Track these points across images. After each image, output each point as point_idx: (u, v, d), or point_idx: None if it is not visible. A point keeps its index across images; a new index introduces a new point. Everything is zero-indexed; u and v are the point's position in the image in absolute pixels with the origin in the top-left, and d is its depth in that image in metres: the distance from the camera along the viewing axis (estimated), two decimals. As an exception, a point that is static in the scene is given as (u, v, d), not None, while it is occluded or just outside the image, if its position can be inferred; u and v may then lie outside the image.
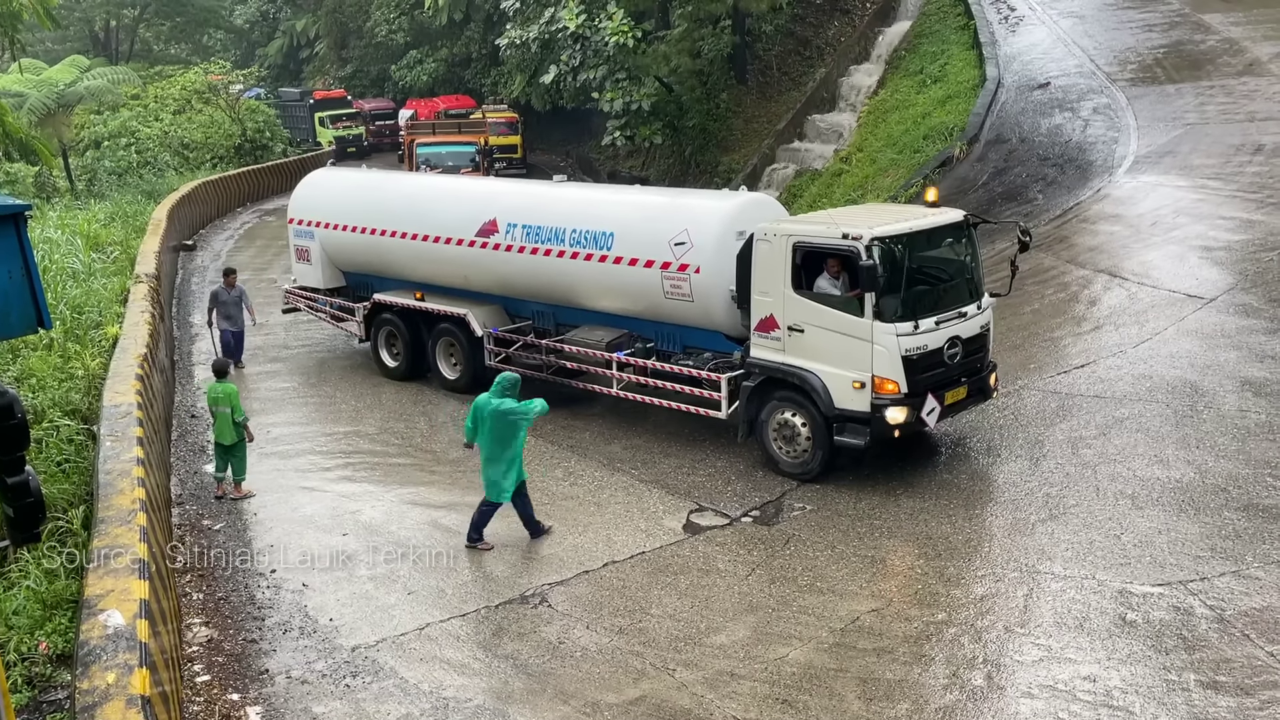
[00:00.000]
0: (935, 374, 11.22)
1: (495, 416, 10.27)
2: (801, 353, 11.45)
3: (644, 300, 13.22)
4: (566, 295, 14.26)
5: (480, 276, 15.04)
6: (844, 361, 11.15)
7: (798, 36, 36.60)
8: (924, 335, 11.06)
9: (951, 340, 11.34)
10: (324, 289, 17.48)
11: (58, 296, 15.72)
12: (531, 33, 34.94)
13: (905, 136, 27.16)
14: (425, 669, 8.37)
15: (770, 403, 11.86)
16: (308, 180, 18.48)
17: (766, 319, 11.69)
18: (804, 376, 11.39)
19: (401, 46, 57.65)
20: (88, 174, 39.22)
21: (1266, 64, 23.40)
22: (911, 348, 10.97)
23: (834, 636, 8.60)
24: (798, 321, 11.43)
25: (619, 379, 13.43)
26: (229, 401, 11.69)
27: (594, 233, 13.46)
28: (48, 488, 9.68)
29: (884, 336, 10.89)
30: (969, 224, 11.93)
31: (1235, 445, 10.98)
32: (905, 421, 11.02)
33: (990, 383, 12.08)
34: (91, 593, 7.04)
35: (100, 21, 64.29)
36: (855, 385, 11.07)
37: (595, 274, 13.51)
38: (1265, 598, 8.48)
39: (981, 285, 12.06)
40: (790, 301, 11.45)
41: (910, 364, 10.97)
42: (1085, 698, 7.49)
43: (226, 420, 11.68)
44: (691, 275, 12.50)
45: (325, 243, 17.13)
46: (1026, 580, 9.18)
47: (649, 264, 12.86)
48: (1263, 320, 13.59)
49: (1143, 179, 19.70)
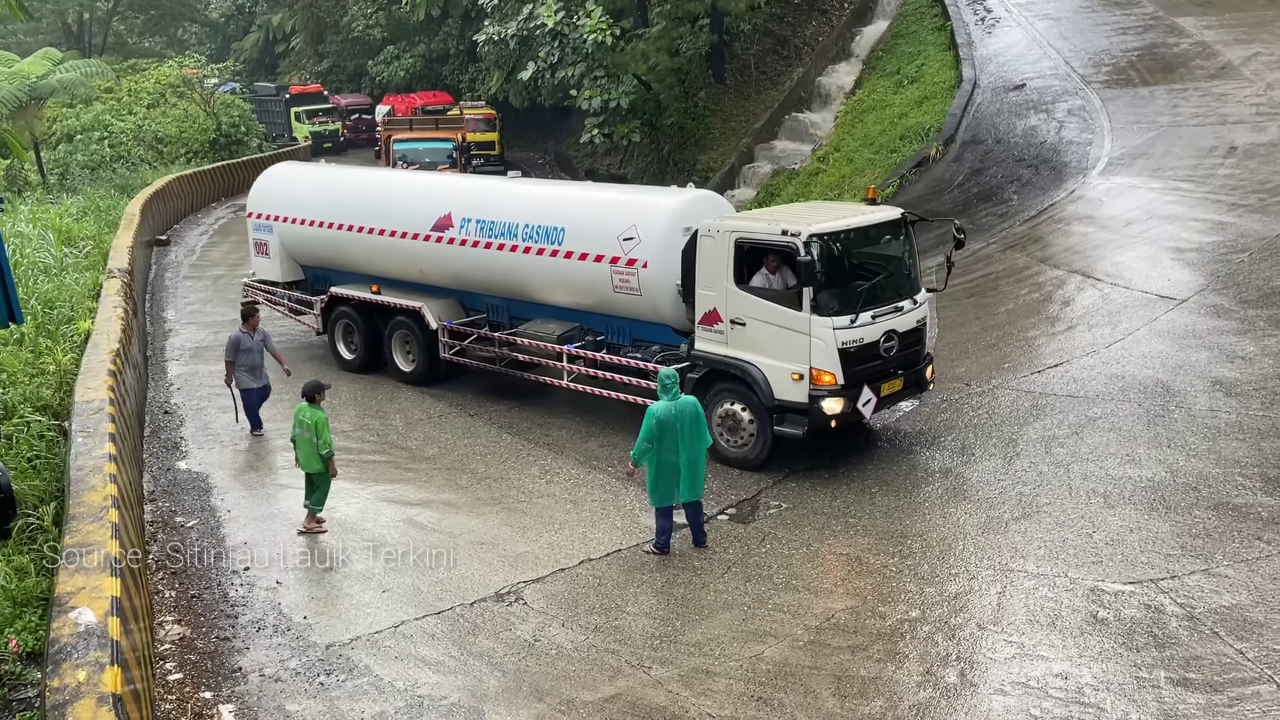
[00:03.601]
0: (871, 366, 11.58)
1: (697, 414, 10.03)
2: (743, 345, 11.79)
3: (594, 294, 13.44)
4: (520, 289, 14.45)
5: (435, 271, 15.23)
6: (783, 354, 11.50)
7: (776, 36, 36.70)
8: (860, 329, 11.40)
9: (888, 334, 11.70)
10: (282, 282, 17.57)
11: (29, 291, 15.58)
12: (510, 29, 34.84)
13: (882, 136, 27.29)
14: (400, 667, 8.33)
15: (714, 394, 12.12)
16: (266, 175, 18.58)
17: (710, 313, 12.04)
18: (745, 368, 11.73)
19: (379, 42, 57.41)
20: (60, 168, 38.86)
21: (1239, 67, 23.65)
22: (848, 341, 11.32)
23: (809, 634, 8.63)
24: (739, 315, 11.77)
25: (569, 371, 13.71)
26: (314, 429, 10.70)
27: (546, 228, 13.68)
28: (18, 484, 9.60)
29: (821, 330, 11.24)
30: (907, 221, 12.28)
31: (1206, 444, 11.10)
32: (842, 412, 11.38)
33: (927, 375, 12.50)
34: (62, 590, 6.98)
35: (73, 14, 63.62)
36: (794, 377, 11.40)
37: (547, 268, 13.72)
38: (1234, 596, 8.58)
39: (919, 280, 12.45)
40: (732, 296, 11.80)
41: (847, 356, 11.33)
42: (1057, 695, 7.56)
43: (310, 447, 10.72)
44: (639, 270, 12.75)
45: (284, 237, 17.24)
46: (1000, 578, 9.25)
47: (599, 259, 13.08)
48: (1233, 321, 13.74)
49: (1116, 180, 19.88)
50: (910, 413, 13.21)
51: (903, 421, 13.02)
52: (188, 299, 22.50)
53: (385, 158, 35.44)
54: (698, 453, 9.96)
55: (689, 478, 9.90)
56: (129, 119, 43.24)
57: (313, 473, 10.85)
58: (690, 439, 9.87)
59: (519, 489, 11.90)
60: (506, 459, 12.86)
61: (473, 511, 11.36)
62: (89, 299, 16.53)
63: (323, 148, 50.35)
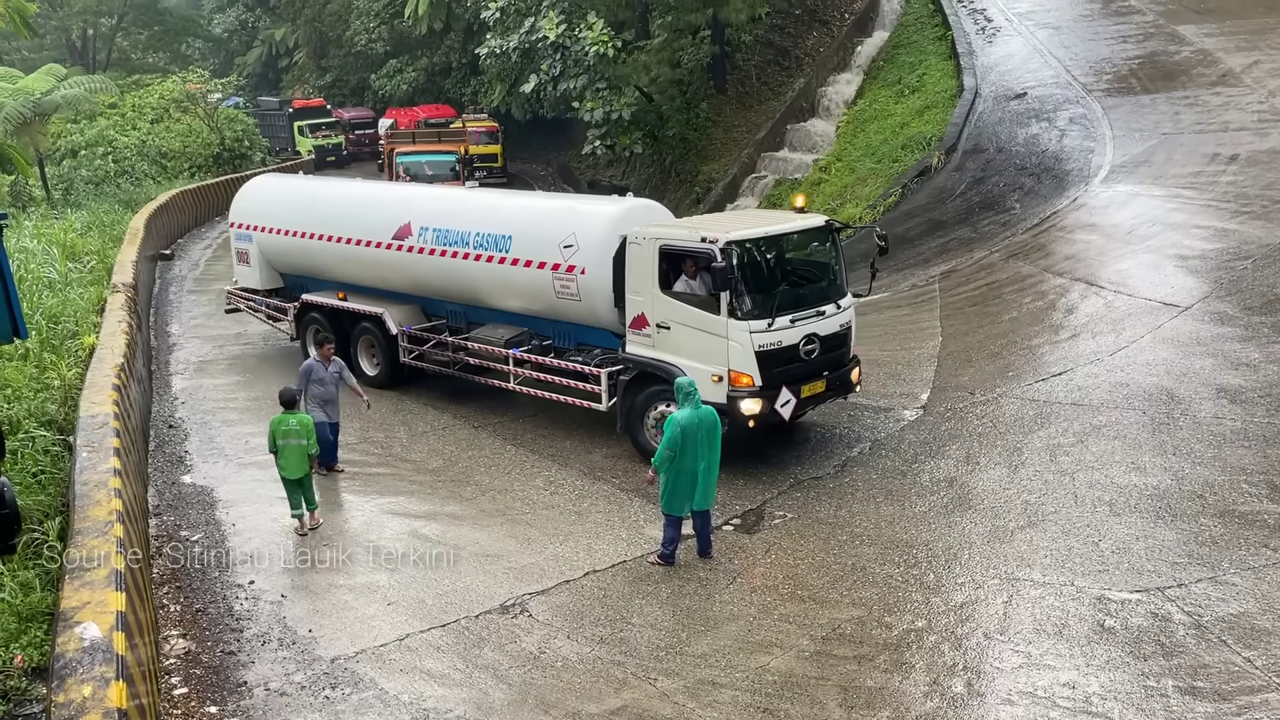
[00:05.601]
0: (790, 369, 11.90)
1: (716, 425, 10.05)
2: (669, 348, 12.23)
3: (540, 300, 13.85)
4: (473, 295, 14.96)
5: (397, 277, 15.78)
6: (704, 356, 11.88)
7: (777, 46, 36.81)
8: (779, 332, 11.77)
9: (808, 337, 12.05)
10: (262, 290, 18.30)
11: (34, 306, 15.60)
12: (511, 42, 34.99)
13: (884, 146, 27.36)
14: (405, 680, 8.32)
15: (646, 396, 12.56)
16: (247, 186, 19.33)
17: (639, 317, 12.51)
18: (670, 370, 12.00)
19: (381, 55, 57.62)
20: (64, 183, 38.92)
21: (1240, 75, 23.69)
22: (765, 344, 11.68)
23: (815, 644, 8.61)
24: (664, 319, 12.22)
25: (516, 374, 14.18)
26: (305, 433, 11.09)
27: (495, 236, 14.17)
28: (23, 499, 9.59)
29: (738, 333, 11.63)
30: (832, 229, 12.71)
31: (1211, 452, 11.08)
32: (760, 413, 11.73)
33: (852, 378, 12.81)
34: (68, 605, 6.98)
35: (77, 30, 63.86)
36: (714, 379, 11.75)
37: (496, 275, 14.18)
38: (1242, 604, 8.55)
39: (844, 286, 12.80)
40: (658, 300, 12.25)
41: (764, 358, 11.69)
42: (1064, 704, 7.53)
43: (301, 453, 11.03)
44: (578, 276, 13.14)
45: (262, 246, 17.96)
46: (1006, 587, 9.22)
47: (541, 265, 13.51)
48: (1237, 328, 13.72)
49: (1118, 188, 19.89)
50: (914, 422, 13.20)
51: (907, 431, 13.01)
52: (192, 313, 22.55)
53: (388, 171, 35.49)
54: (711, 462, 10.01)
55: (701, 487, 9.94)
56: (133, 134, 43.32)
57: (301, 477, 11.09)
58: (708, 448, 9.92)
59: (524, 501, 11.89)
60: (511, 471, 12.86)
61: (477, 524, 11.35)
62: (93, 314, 16.55)
63: (326, 161, 50.42)
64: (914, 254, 21.02)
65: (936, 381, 14.41)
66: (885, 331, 17.13)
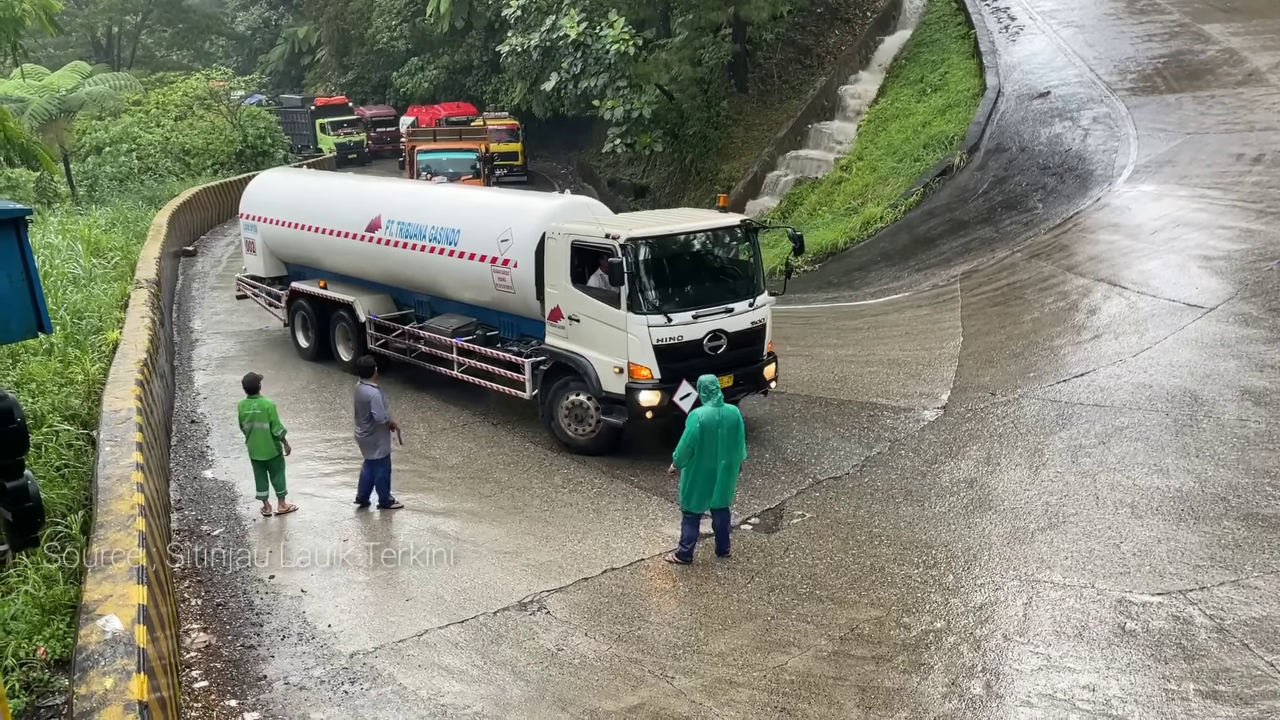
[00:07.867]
0: (692, 363, 12.05)
1: (738, 423, 10.01)
2: (579, 340, 12.76)
3: (485, 292, 14.44)
4: (431, 286, 15.69)
5: (369, 268, 16.68)
6: (608, 348, 12.38)
7: (798, 45, 36.70)
8: (679, 327, 12.16)
9: (714, 333, 12.35)
10: (265, 278, 19.38)
11: (58, 302, 15.73)
12: (533, 40, 35.05)
13: (905, 145, 27.23)
14: (423, 676, 8.35)
15: (560, 385, 13.05)
16: (255, 180, 20.44)
17: (555, 309, 13.00)
18: (580, 361, 12.67)
19: (403, 54, 57.84)
20: (89, 180, 39.22)
21: (1266, 74, 23.45)
22: (664, 338, 12.08)
23: (833, 644, 8.59)
24: (575, 312, 12.74)
25: (459, 363, 14.71)
26: (267, 416, 11.43)
27: (447, 229, 14.83)
28: (47, 493, 9.67)
29: (637, 327, 12.07)
30: (749, 228, 13.07)
31: (1235, 454, 10.98)
32: (658, 405, 12.14)
33: (766, 375, 13.08)
34: (90, 598, 7.03)
35: (102, 28, 64.42)
36: (615, 370, 12.31)
37: (447, 267, 14.84)
38: (1265, 607, 8.47)
39: (759, 285, 13.06)
40: (569, 294, 12.75)
41: (663, 352, 12.10)
42: (1085, 707, 7.48)
43: (265, 435, 11.41)
44: (512, 269, 13.70)
45: (265, 236, 19.05)
46: (1026, 589, 9.17)
47: (482, 259, 14.14)
48: (1262, 330, 13.60)
49: (1142, 188, 19.73)
50: (935, 422, 13.15)
51: (927, 431, 12.95)
52: (214, 309, 22.71)
53: (409, 169, 35.63)
54: (733, 461, 9.97)
55: (721, 485, 9.92)
56: (157, 131, 43.62)
57: (269, 459, 11.45)
58: (728, 447, 9.88)
59: (542, 498, 11.92)
60: (530, 468, 12.89)
61: (496, 520, 11.38)
62: (117, 309, 16.69)
63: (348, 159, 50.63)
64: (935, 254, 20.92)
65: (957, 382, 14.34)
66: (906, 331, 17.06)
